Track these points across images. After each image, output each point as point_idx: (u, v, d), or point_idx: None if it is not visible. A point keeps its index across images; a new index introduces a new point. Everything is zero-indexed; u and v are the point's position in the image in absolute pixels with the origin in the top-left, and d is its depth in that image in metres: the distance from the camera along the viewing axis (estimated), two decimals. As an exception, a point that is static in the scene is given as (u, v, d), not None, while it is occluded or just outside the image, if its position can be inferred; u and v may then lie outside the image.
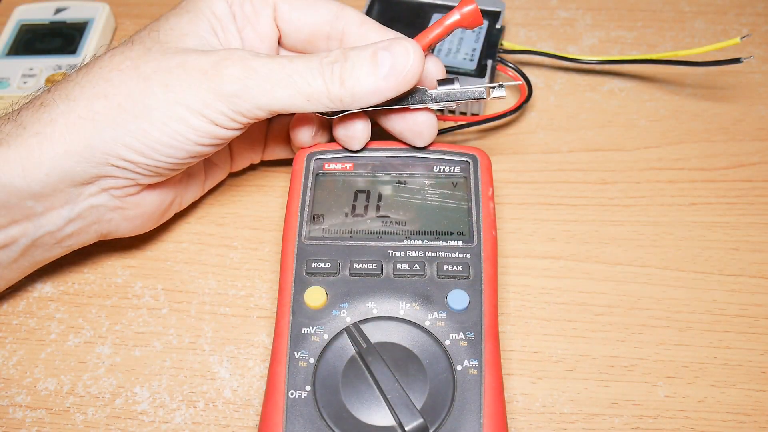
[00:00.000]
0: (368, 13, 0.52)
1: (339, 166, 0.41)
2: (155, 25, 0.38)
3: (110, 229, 0.40)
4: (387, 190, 0.40)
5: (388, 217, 0.39)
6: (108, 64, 0.37)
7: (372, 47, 0.36)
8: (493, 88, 0.39)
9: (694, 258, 0.43)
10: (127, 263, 0.44)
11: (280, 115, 0.44)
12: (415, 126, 0.40)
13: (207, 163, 0.44)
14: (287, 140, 0.45)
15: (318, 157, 0.41)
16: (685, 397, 0.37)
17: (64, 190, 0.36)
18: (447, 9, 0.52)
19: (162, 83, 0.35)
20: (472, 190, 0.39)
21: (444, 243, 0.37)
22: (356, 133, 0.40)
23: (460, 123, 0.48)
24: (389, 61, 0.36)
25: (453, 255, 0.37)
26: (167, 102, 0.35)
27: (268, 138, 0.45)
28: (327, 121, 0.41)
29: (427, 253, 0.37)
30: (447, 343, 0.34)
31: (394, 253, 0.37)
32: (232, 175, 0.47)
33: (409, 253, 0.37)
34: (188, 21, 0.38)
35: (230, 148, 0.44)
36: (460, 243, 0.37)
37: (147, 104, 0.35)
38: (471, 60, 0.49)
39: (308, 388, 0.33)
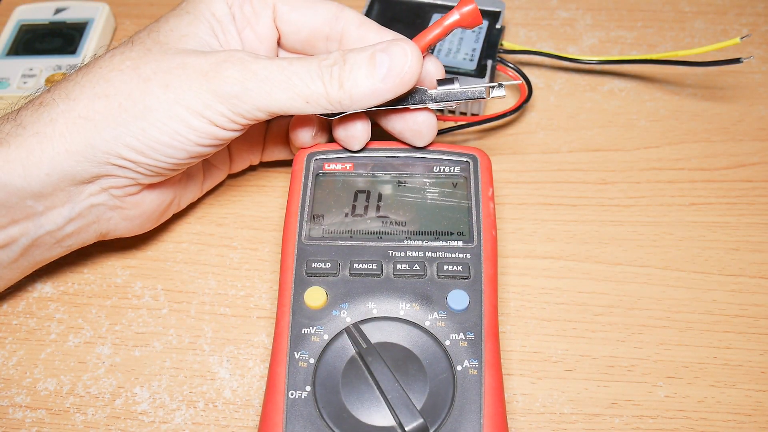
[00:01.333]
0: (368, 13, 0.52)
1: (339, 166, 0.41)
2: (155, 26, 0.38)
3: (109, 228, 0.40)
4: (387, 190, 0.40)
5: (388, 217, 0.39)
6: (108, 64, 0.37)
7: (370, 49, 0.36)
8: (493, 87, 0.39)
9: (694, 258, 0.43)
10: (127, 263, 0.44)
11: (280, 117, 0.44)
12: (415, 126, 0.40)
13: (206, 164, 0.44)
14: (286, 141, 0.45)
15: (318, 158, 0.41)
16: (685, 398, 0.37)
17: (64, 189, 0.36)
18: (447, 9, 0.52)
19: (162, 84, 0.35)
20: (472, 190, 0.39)
21: (444, 243, 0.37)
22: (356, 133, 0.40)
23: (460, 123, 0.47)
24: (387, 63, 0.36)
25: (453, 255, 0.37)
26: (167, 102, 0.35)
27: (267, 139, 0.45)
28: (327, 122, 0.41)
29: (427, 253, 0.37)
30: (447, 343, 0.34)
31: (394, 253, 0.37)
32: (232, 176, 0.47)
33: (409, 253, 0.37)
34: (188, 22, 0.38)
35: (229, 149, 0.44)
36: (460, 243, 0.37)
37: (147, 104, 0.35)
38: (471, 60, 0.49)
39: (308, 388, 0.33)
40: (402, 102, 0.39)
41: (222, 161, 0.45)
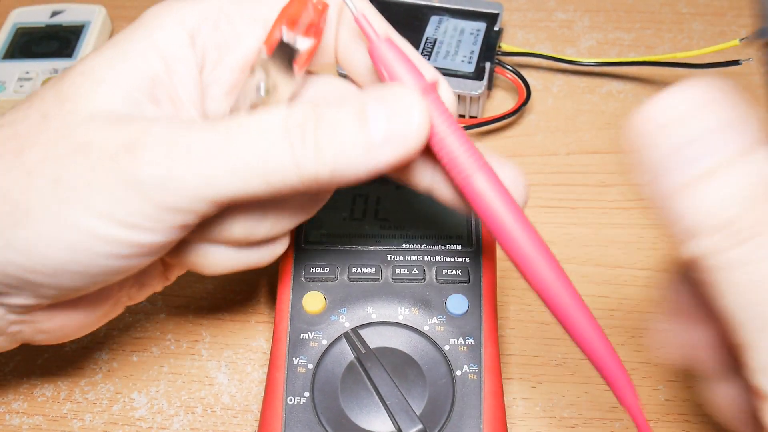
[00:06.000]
0: (366, 15, 0.52)
1: (337, 170, 0.41)
2: (73, 68, 0.29)
3: (25, 339, 0.32)
4: (386, 194, 0.40)
5: (387, 221, 0.39)
6: None
7: (357, 101, 0.26)
8: None
9: (693, 261, 0.42)
10: (124, 268, 0.43)
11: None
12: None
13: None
14: None
15: (316, 161, 0.41)
16: (685, 401, 0.37)
17: None
18: (445, 11, 0.52)
19: (51, 177, 0.26)
20: (471, 193, 0.39)
21: (443, 247, 0.37)
22: None
23: (458, 126, 0.47)
24: (384, 121, 0.25)
25: (452, 259, 0.37)
26: (58, 202, 0.26)
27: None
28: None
29: (426, 257, 0.37)
30: (446, 348, 0.34)
31: (392, 257, 0.37)
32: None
33: (407, 257, 0.37)
34: (113, 58, 0.28)
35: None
36: (459, 247, 0.37)
37: (28, 207, 0.26)
38: (469, 62, 0.49)
39: (307, 393, 0.33)
40: None
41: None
